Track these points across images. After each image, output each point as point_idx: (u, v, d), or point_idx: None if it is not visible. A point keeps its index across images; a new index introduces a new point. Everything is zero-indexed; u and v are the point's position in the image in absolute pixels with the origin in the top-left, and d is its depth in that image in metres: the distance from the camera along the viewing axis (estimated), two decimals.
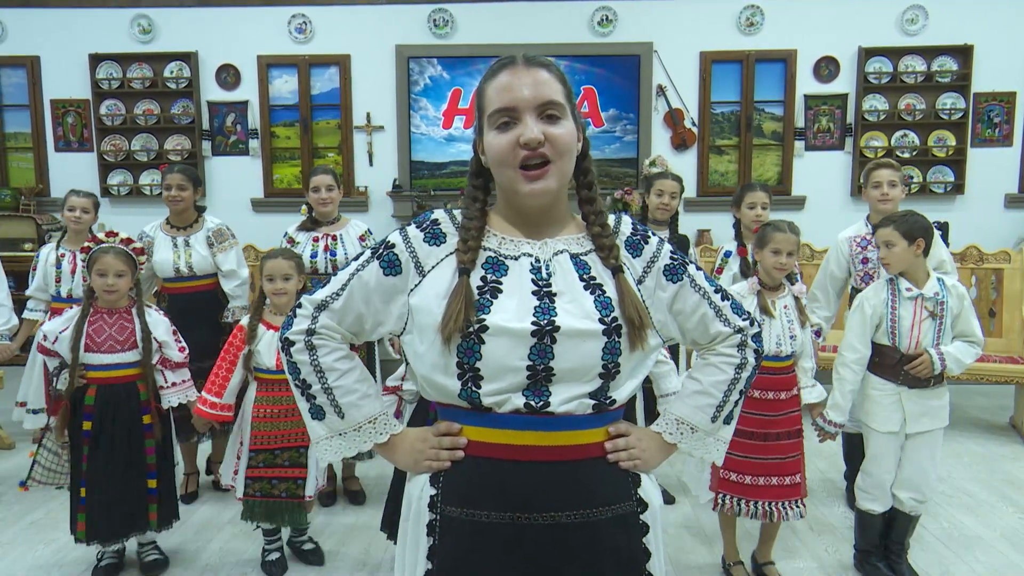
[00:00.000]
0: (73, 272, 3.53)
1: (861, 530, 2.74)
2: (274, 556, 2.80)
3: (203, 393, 2.72)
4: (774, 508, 2.54)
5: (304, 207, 3.54)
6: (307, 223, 3.49)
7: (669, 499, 3.36)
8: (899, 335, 2.56)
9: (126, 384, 2.63)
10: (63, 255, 3.56)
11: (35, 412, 3.57)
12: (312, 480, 2.75)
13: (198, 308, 3.41)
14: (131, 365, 2.63)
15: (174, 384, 2.72)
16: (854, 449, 3.32)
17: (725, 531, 2.75)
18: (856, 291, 3.29)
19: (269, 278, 2.74)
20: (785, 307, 2.58)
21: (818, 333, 3.10)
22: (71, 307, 2.71)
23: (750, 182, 3.71)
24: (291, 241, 3.43)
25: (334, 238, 3.44)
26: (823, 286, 3.33)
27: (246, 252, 4.52)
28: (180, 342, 2.74)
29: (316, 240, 3.42)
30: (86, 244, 2.67)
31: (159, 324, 2.70)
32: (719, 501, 2.59)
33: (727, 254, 3.42)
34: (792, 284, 2.64)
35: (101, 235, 2.67)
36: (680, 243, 3.55)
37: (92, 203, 3.60)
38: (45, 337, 2.63)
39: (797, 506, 2.57)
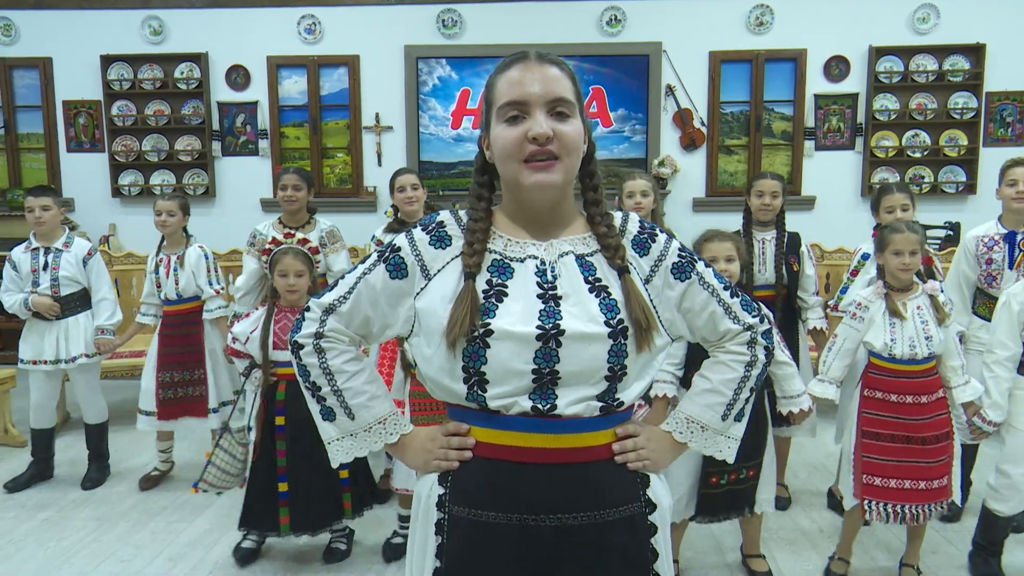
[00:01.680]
0: (168, 276, 3.53)
1: (984, 527, 2.67)
2: (398, 539, 2.90)
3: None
4: (920, 511, 2.47)
5: (390, 209, 3.59)
6: (394, 224, 3.52)
7: (786, 505, 3.29)
8: None
9: None
10: (160, 260, 3.57)
11: (147, 414, 3.58)
12: (401, 472, 2.77)
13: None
14: None
15: None
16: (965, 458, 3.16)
17: (847, 531, 2.69)
18: (978, 290, 3.16)
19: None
20: (919, 308, 2.50)
21: (960, 339, 2.93)
22: (257, 310, 2.83)
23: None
24: (379, 243, 3.48)
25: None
26: (957, 286, 3.18)
27: None
28: None
29: (289, 236, 3.43)
30: (267, 247, 2.80)
31: None
32: (866, 508, 2.50)
33: (864, 256, 3.26)
34: (924, 283, 2.55)
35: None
36: (791, 241, 3.41)
37: (178, 205, 3.56)
38: (235, 339, 2.77)
39: (942, 507, 2.50)
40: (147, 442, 4.25)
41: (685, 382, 2.47)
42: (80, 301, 3.61)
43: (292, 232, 3.42)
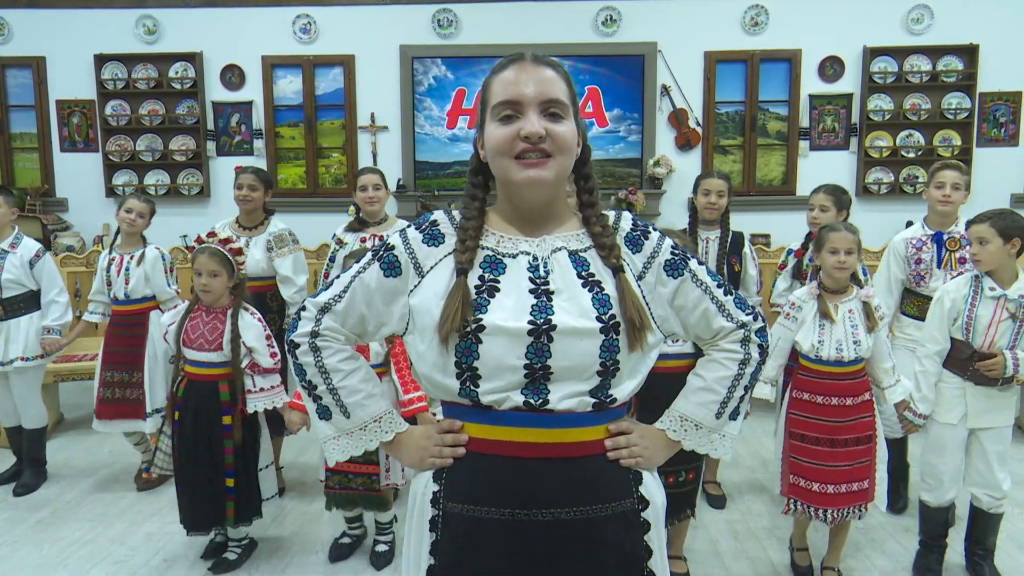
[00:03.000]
0: (118, 274, 3.46)
1: (921, 520, 2.75)
2: (345, 540, 2.88)
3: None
4: (840, 515, 2.52)
5: (351, 208, 3.56)
6: (355, 224, 3.51)
7: (722, 504, 3.32)
8: (974, 332, 2.52)
9: (208, 383, 2.68)
10: (113, 258, 3.50)
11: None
12: (389, 471, 2.75)
13: None
14: (215, 365, 2.67)
15: (262, 389, 2.72)
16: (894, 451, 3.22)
17: (797, 523, 2.74)
18: (907, 291, 3.25)
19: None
20: (850, 311, 2.52)
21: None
22: (178, 306, 2.86)
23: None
24: (339, 242, 3.47)
25: (381, 239, 3.45)
26: (887, 288, 3.26)
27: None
28: (272, 347, 2.74)
29: (364, 240, 3.44)
30: (191, 244, 2.76)
31: (251, 328, 2.71)
32: (790, 506, 2.57)
33: (790, 252, 3.40)
34: (861, 288, 2.58)
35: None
36: (734, 240, 3.48)
37: (149, 209, 3.53)
38: (162, 328, 2.83)
39: (861, 510, 2.54)
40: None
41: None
42: (25, 304, 3.50)
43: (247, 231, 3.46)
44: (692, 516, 2.62)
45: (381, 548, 2.87)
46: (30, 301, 3.53)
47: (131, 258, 3.47)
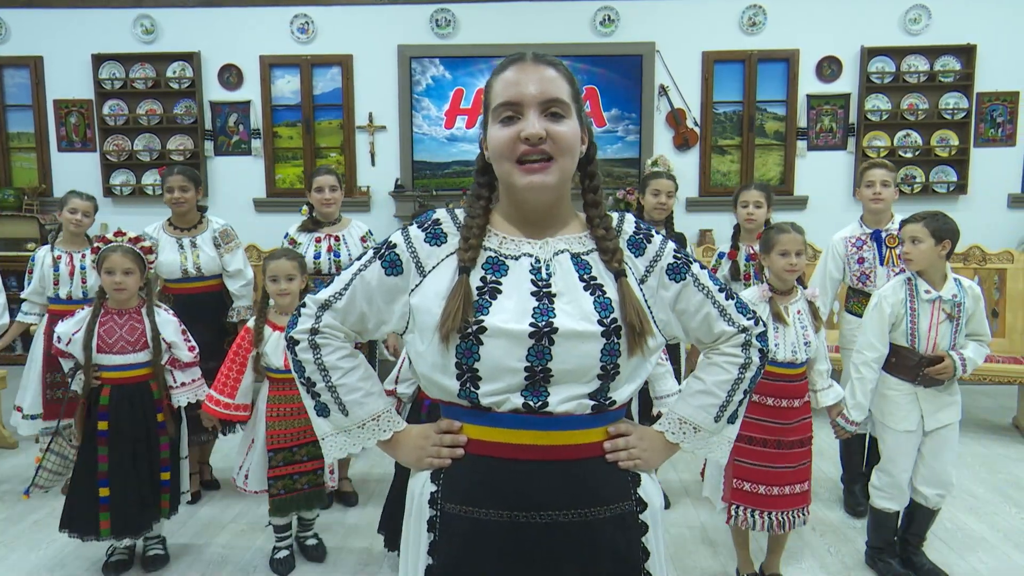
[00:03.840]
0: (72, 274, 3.44)
1: (876, 528, 2.73)
2: (283, 554, 2.82)
3: (211, 391, 2.75)
4: (785, 518, 2.51)
5: (305, 207, 3.54)
6: (308, 223, 3.49)
7: (667, 504, 3.35)
8: (918, 337, 2.54)
9: (139, 384, 2.66)
10: (59, 256, 3.46)
11: (32, 417, 3.47)
12: (333, 473, 2.81)
13: (203, 309, 3.41)
14: (143, 365, 2.66)
15: (183, 384, 2.74)
16: (852, 453, 3.31)
17: (738, 544, 2.71)
18: (852, 290, 3.30)
19: (273, 279, 2.75)
20: (799, 312, 2.52)
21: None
22: (80, 308, 2.72)
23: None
24: (292, 242, 3.44)
25: (337, 239, 3.44)
26: (822, 287, 3.31)
27: (248, 252, 4.53)
28: (190, 341, 2.76)
29: (319, 241, 3.43)
30: (96, 244, 2.69)
31: (168, 324, 2.72)
32: (732, 512, 2.54)
33: (720, 255, 3.42)
34: (804, 288, 2.59)
35: (109, 235, 2.69)
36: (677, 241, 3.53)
37: (93, 207, 3.54)
38: (59, 339, 2.64)
39: (803, 513, 2.54)
40: None
41: None
42: None
43: (184, 231, 3.45)
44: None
45: (312, 542, 2.90)
46: None
47: (82, 256, 3.45)
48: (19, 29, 5.90)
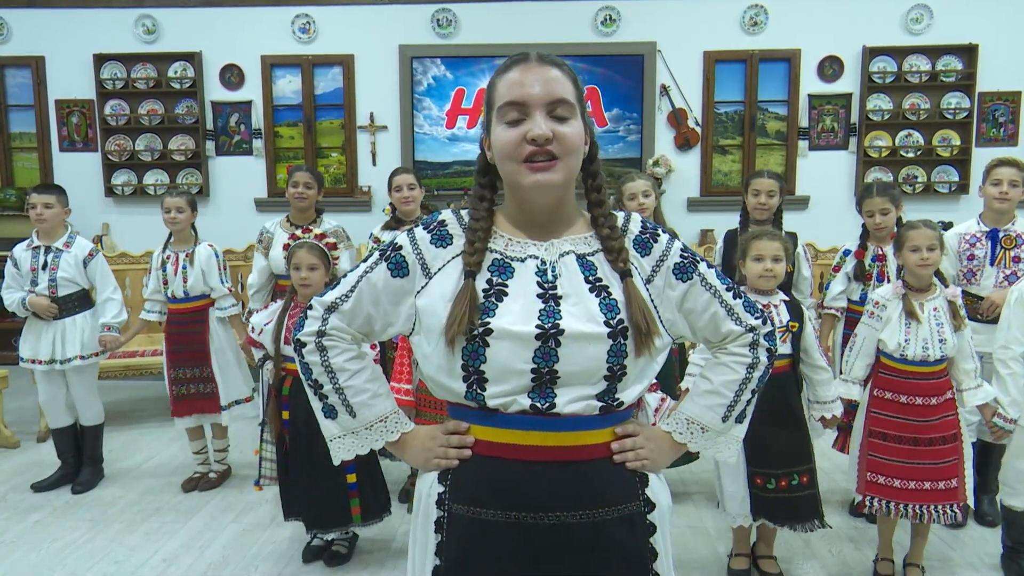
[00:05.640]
0: (176, 273, 3.49)
1: (1008, 527, 2.69)
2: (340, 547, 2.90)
3: (391, 383, 2.74)
4: (925, 511, 2.47)
5: (388, 207, 3.64)
6: (391, 223, 3.57)
7: None
8: None
9: None
10: (168, 257, 3.52)
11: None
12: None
13: None
14: None
15: None
16: (988, 457, 3.12)
17: (880, 531, 2.69)
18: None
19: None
20: (935, 310, 2.49)
21: None
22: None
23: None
24: (376, 241, 3.54)
25: None
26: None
27: (250, 253, 4.54)
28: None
29: None
30: (287, 242, 2.82)
31: None
32: (867, 503, 2.54)
33: (846, 252, 3.30)
34: (946, 287, 2.56)
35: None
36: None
37: (187, 201, 3.53)
38: (253, 328, 2.81)
39: (952, 510, 2.48)
40: (141, 443, 4.25)
41: None
42: (78, 302, 3.57)
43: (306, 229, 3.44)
44: (824, 526, 2.54)
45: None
46: (83, 300, 3.60)
47: (186, 256, 3.51)
48: (20, 29, 5.90)
